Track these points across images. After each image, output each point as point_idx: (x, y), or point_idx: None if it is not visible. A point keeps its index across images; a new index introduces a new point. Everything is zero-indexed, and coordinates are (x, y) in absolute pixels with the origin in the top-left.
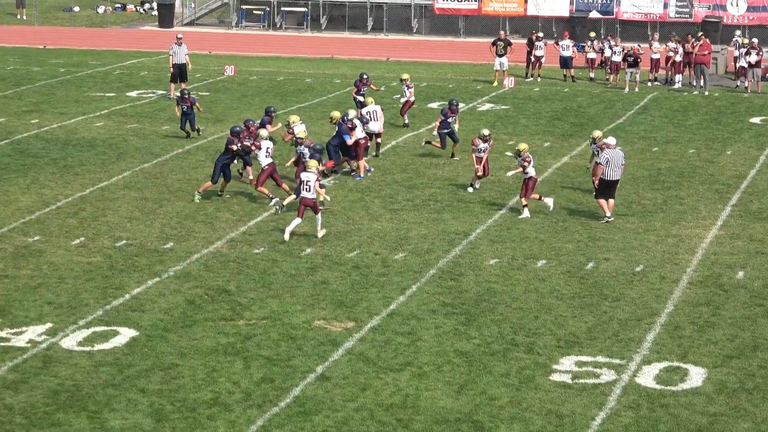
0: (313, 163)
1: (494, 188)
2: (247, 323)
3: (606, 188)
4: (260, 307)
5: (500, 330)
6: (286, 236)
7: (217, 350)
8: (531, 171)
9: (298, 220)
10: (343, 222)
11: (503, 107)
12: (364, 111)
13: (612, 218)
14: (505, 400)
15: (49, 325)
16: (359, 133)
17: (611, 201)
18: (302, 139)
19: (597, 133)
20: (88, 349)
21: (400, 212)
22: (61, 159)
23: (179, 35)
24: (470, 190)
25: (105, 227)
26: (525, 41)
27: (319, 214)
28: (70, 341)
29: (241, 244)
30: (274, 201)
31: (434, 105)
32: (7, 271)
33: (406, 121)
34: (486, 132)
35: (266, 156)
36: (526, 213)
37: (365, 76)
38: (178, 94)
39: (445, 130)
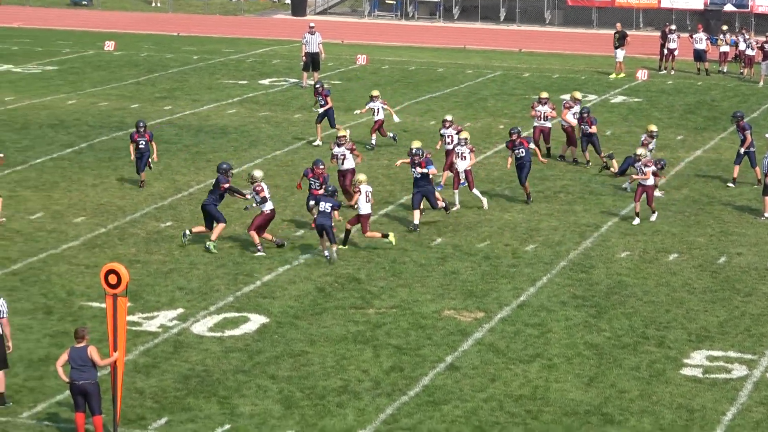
0: None
1: (624, 181)
2: (377, 312)
3: None
4: (390, 296)
5: (631, 323)
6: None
7: (346, 338)
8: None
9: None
10: (474, 213)
11: (636, 100)
12: None
13: None
14: (635, 394)
15: (180, 310)
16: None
17: None
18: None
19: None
20: (218, 335)
21: (530, 203)
22: (194, 145)
23: (312, 24)
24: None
25: (236, 214)
26: (659, 34)
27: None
28: (201, 327)
29: None
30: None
31: (566, 96)
32: (139, 256)
33: (373, 142)
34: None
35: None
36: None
37: (318, 86)
38: (137, 128)
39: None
